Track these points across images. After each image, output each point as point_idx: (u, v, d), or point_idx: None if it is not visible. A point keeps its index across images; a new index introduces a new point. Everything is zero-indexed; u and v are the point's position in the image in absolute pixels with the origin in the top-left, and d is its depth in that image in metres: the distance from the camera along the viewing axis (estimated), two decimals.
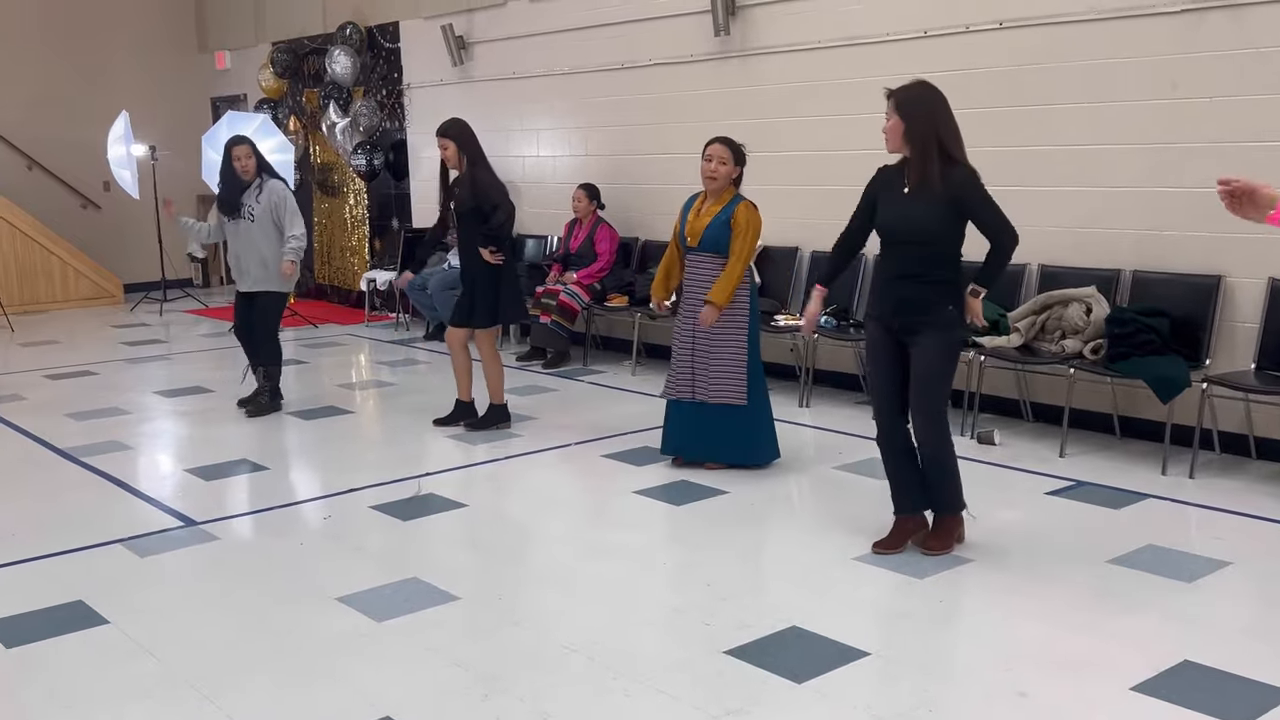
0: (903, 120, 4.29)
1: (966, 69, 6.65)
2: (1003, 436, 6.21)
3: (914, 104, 4.31)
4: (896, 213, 4.38)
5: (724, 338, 5.57)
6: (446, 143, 6.42)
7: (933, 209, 4.26)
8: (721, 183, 5.58)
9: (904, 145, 4.34)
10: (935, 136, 4.27)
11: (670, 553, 4.75)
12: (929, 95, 4.32)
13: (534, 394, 7.81)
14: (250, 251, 7.16)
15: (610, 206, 8.96)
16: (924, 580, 4.29)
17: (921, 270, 4.33)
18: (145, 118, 12.30)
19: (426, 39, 10.56)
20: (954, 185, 4.26)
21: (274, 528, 5.19)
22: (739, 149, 5.65)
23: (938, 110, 4.30)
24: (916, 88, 4.34)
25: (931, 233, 4.29)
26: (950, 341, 4.42)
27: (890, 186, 4.45)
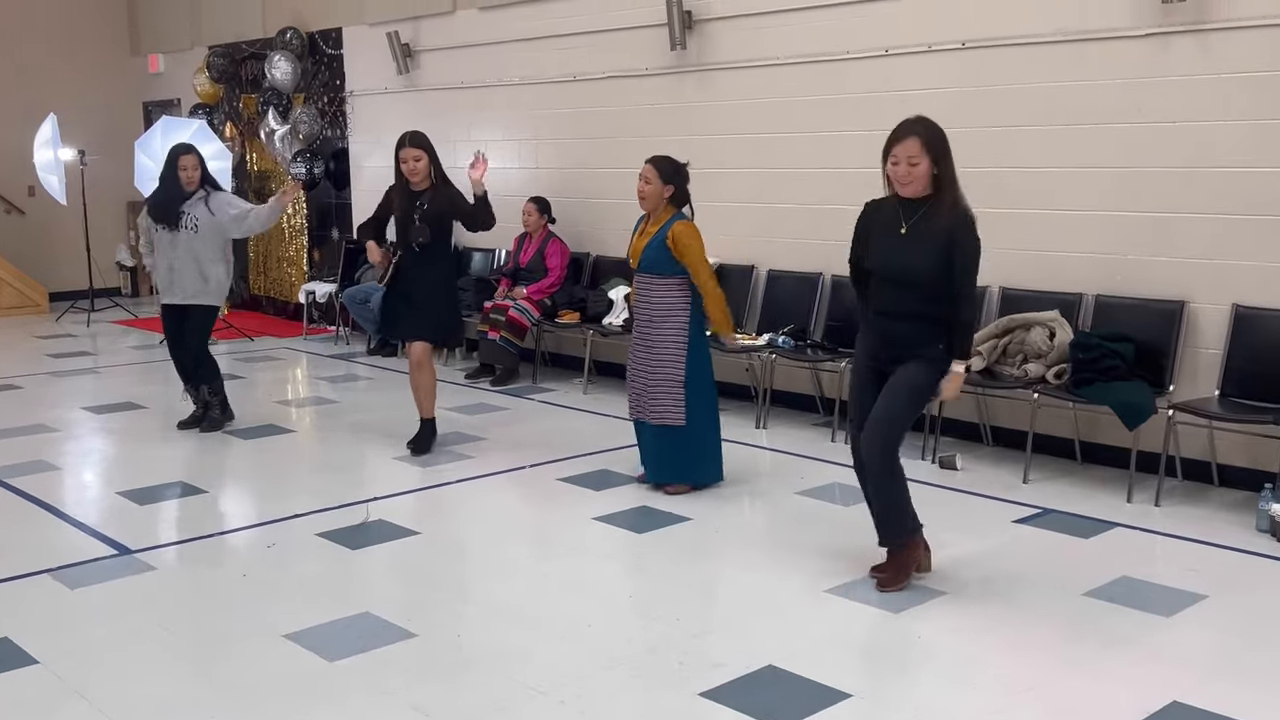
0: (935, 164, 4.13)
1: (929, 89, 6.57)
2: (964, 461, 6.12)
3: (942, 144, 4.17)
4: (893, 255, 4.23)
5: (661, 357, 5.48)
6: (420, 154, 6.23)
7: (932, 253, 4.13)
8: (651, 202, 5.47)
9: (928, 188, 4.18)
10: (955, 178, 4.18)
11: (636, 585, 4.57)
12: (946, 137, 4.20)
13: (483, 413, 7.58)
14: (188, 263, 6.83)
15: (561, 221, 8.77)
16: (900, 615, 4.15)
17: (916, 310, 4.20)
18: (74, 121, 11.88)
19: (371, 46, 10.30)
20: (953, 228, 4.14)
21: (214, 557, 4.92)
22: (671, 167, 5.48)
23: (950, 151, 4.19)
24: (938, 129, 4.19)
25: (929, 275, 4.15)
26: (931, 374, 4.27)
27: (884, 225, 4.28)
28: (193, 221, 6.80)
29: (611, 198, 8.52)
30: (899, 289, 4.22)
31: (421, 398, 6.47)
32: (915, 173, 4.15)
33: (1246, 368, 5.51)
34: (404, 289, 6.30)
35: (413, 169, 6.21)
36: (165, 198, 6.88)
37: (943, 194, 4.15)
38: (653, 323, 5.50)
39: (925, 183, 4.16)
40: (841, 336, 6.82)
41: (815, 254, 7.18)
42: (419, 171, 6.21)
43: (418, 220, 6.20)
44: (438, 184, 6.26)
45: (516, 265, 8.84)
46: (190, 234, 6.80)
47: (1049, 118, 6.17)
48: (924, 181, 4.16)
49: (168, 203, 6.85)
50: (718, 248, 5.99)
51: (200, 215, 6.82)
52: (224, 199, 6.97)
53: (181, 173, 6.82)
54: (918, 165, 4.13)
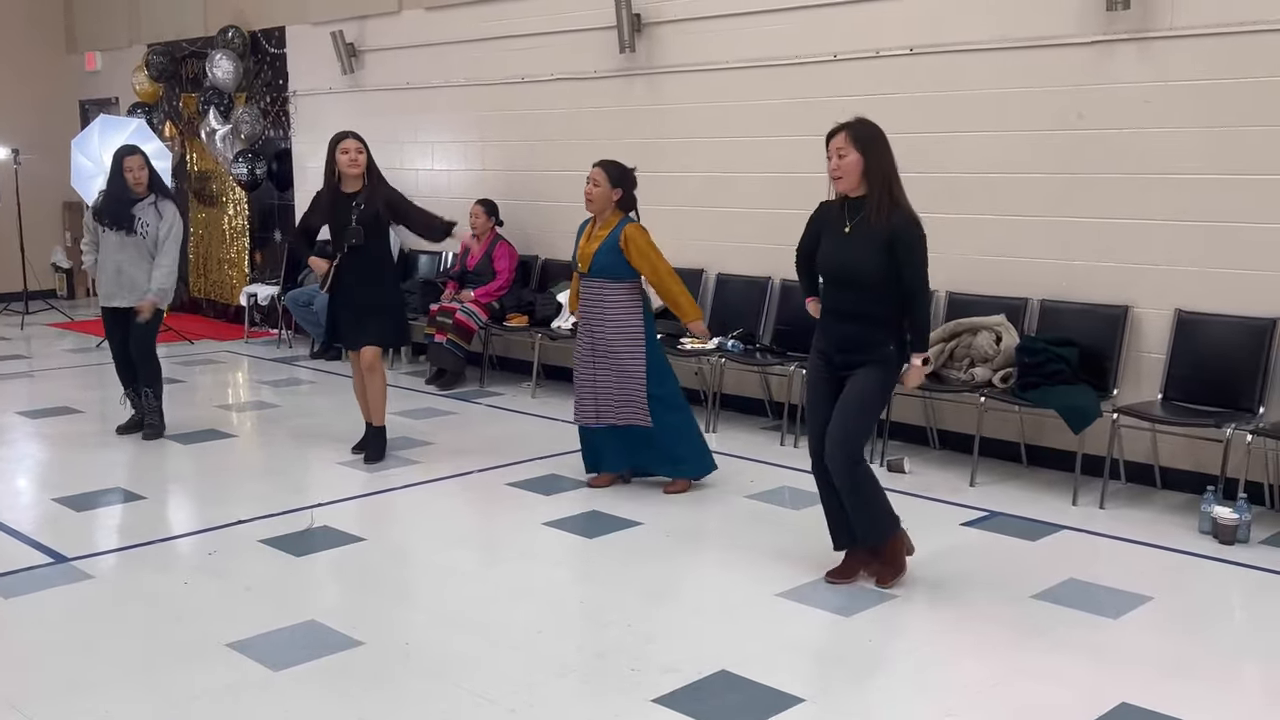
0: (864, 156, 4.16)
1: (876, 93, 6.60)
2: (912, 464, 6.14)
3: (874, 141, 4.20)
4: (837, 255, 4.28)
5: (622, 361, 5.49)
6: (362, 147, 6.09)
7: (874, 253, 4.15)
8: (598, 205, 5.46)
9: (860, 184, 4.21)
10: (891, 176, 4.20)
11: (586, 590, 4.52)
12: (882, 133, 4.23)
13: (430, 417, 7.50)
14: (138, 266, 6.65)
15: (509, 223, 8.71)
16: (851, 619, 4.15)
17: (863, 311, 4.22)
18: (7, 119, 11.63)
19: (314, 45, 10.16)
20: (894, 226, 4.15)
21: (154, 564, 4.80)
22: (619, 171, 5.49)
23: (889, 149, 4.22)
24: (871, 124, 4.24)
25: (872, 276, 4.17)
26: (886, 378, 4.30)
27: (831, 225, 4.33)
28: (144, 226, 6.65)
29: (560, 200, 8.47)
30: (845, 289, 4.26)
31: (374, 404, 6.32)
32: (844, 165, 4.18)
33: (1188, 372, 5.58)
34: (346, 295, 6.15)
35: (354, 160, 6.03)
36: (114, 201, 6.68)
37: (874, 189, 4.16)
38: (607, 327, 5.47)
39: (856, 177, 4.18)
40: (791, 340, 6.82)
41: (764, 258, 7.19)
42: (360, 164, 6.05)
43: (354, 221, 6.03)
44: (372, 183, 6.11)
45: (464, 268, 8.76)
46: (140, 239, 6.65)
47: (995, 123, 6.23)
48: (854, 175, 4.18)
49: (118, 206, 6.66)
50: (666, 252, 5.94)
51: (151, 220, 6.67)
52: (169, 215, 6.74)
53: (127, 174, 6.63)
54: (846, 157, 4.17)
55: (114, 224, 6.66)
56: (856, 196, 4.23)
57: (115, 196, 6.69)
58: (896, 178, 4.22)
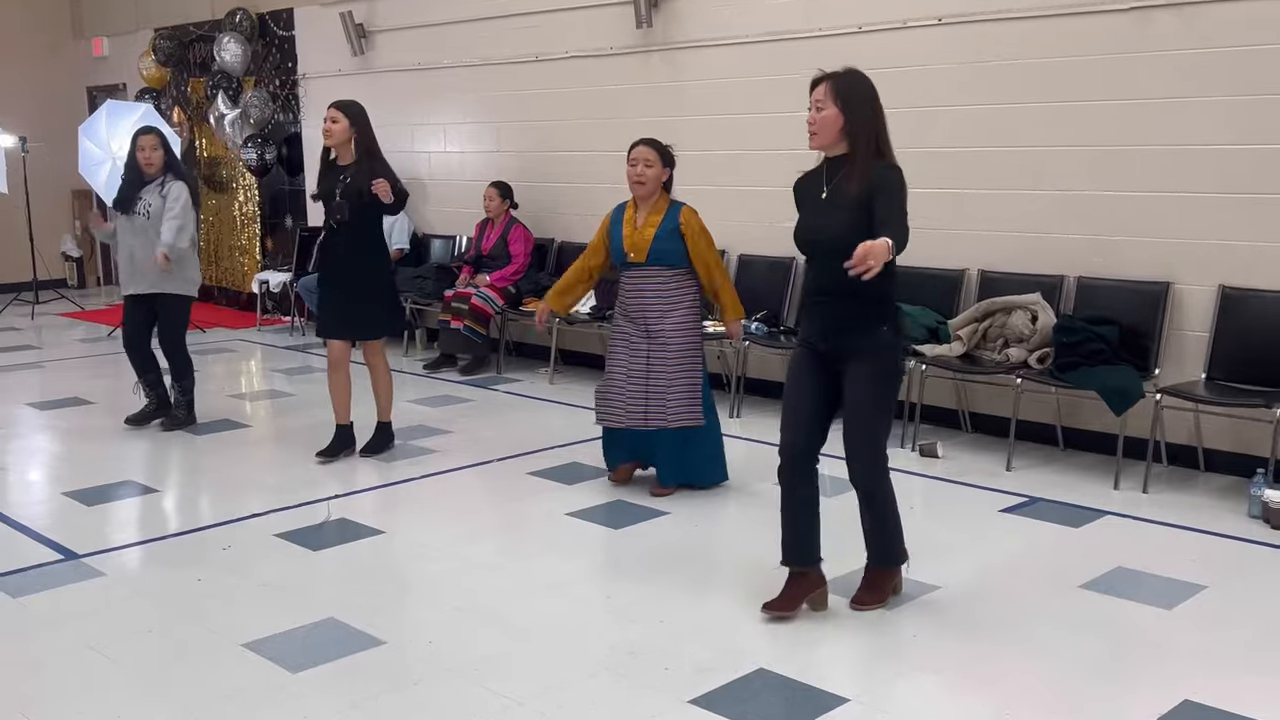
0: (843, 112, 3.68)
1: (902, 66, 6.39)
2: (944, 449, 5.96)
3: (857, 94, 3.71)
4: (813, 222, 3.80)
5: (680, 355, 5.13)
6: (338, 115, 5.67)
7: (852, 214, 3.62)
8: (651, 187, 5.13)
9: (838, 141, 3.73)
10: (877, 134, 3.72)
11: (614, 584, 4.35)
12: (870, 86, 3.75)
13: (448, 405, 7.33)
14: (147, 251, 6.42)
15: (524, 206, 8.53)
16: (894, 611, 3.97)
17: (846, 286, 3.56)
18: (15, 107, 11.48)
19: (323, 27, 9.98)
20: (871, 180, 3.64)
21: (167, 560, 4.65)
22: (666, 150, 5.22)
23: (878, 104, 3.75)
24: (857, 75, 3.75)
25: (851, 239, 3.49)
26: (886, 366, 3.84)
27: (810, 192, 3.87)
28: (145, 208, 6.44)
29: (575, 181, 8.30)
30: (826, 261, 3.69)
31: (341, 400, 5.98)
32: (820, 120, 3.72)
33: (1234, 350, 5.38)
34: (334, 277, 5.86)
35: (327, 130, 5.68)
36: (124, 182, 6.58)
37: (857, 149, 3.69)
38: (668, 320, 5.10)
39: (832, 134, 3.71)
40: None
41: (788, 238, 6.85)
42: (334, 135, 5.66)
43: (338, 195, 5.69)
44: (363, 158, 5.72)
45: (479, 252, 8.59)
46: (144, 220, 6.44)
47: (1026, 95, 6.02)
48: (830, 132, 3.71)
49: (125, 187, 6.55)
50: None
51: (153, 202, 6.45)
52: (175, 191, 6.46)
53: (139, 154, 6.46)
54: (823, 110, 3.70)
55: (118, 206, 6.53)
56: (836, 156, 3.77)
57: (126, 177, 6.59)
58: (885, 138, 3.74)
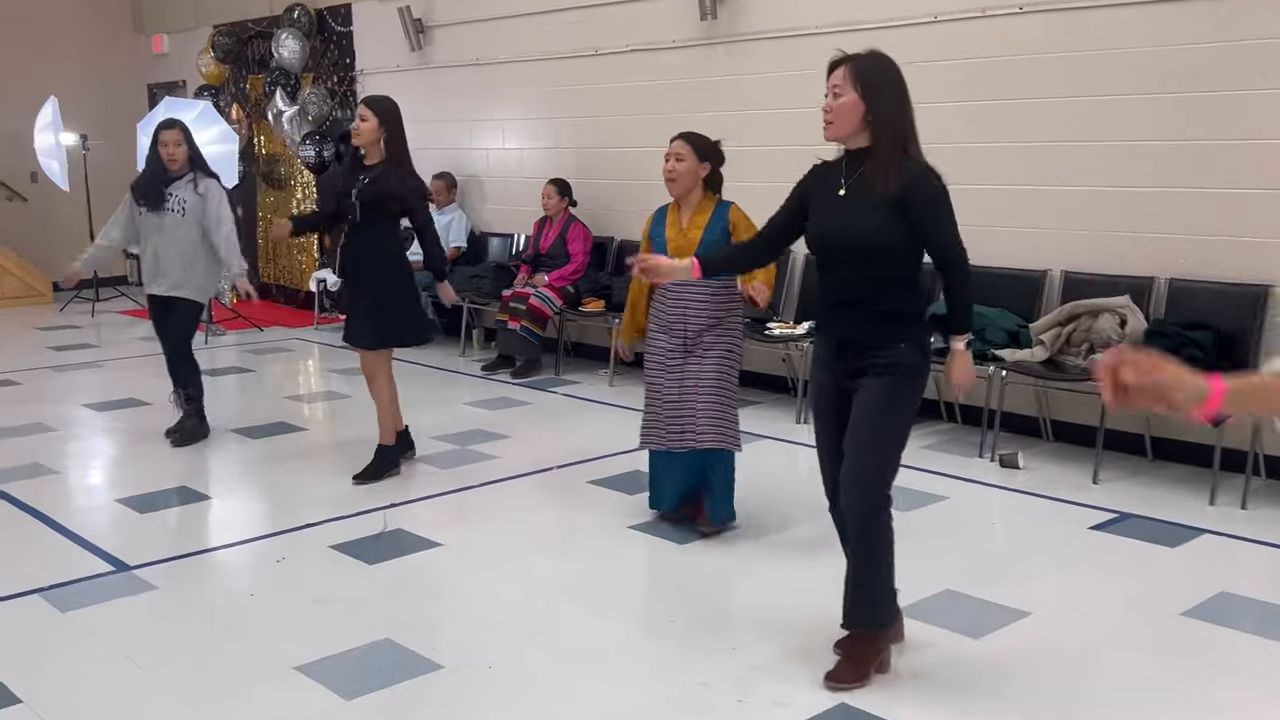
0: (864, 99, 3.26)
1: (983, 56, 6.12)
2: (1025, 459, 5.68)
3: (882, 79, 3.30)
4: (830, 220, 3.35)
5: (718, 369, 4.57)
6: (367, 113, 5.38)
7: (876, 212, 3.24)
8: (683, 184, 4.63)
9: (859, 131, 3.31)
10: (904, 125, 3.31)
11: (681, 606, 4.12)
12: (896, 71, 3.33)
13: (505, 408, 7.16)
14: (172, 249, 6.14)
15: (583, 203, 8.33)
16: (981, 641, 3.72)
17: (864, 296, 3.28)
18: (76, 104, 11.48)
19: (381, 22, 9.85)
20: (905, 180, 3.25)
21: (219, 573, 4.51)
22: (706, 145, 4.69)
23: (905, 91, 3.33)
24: (881, 58, 3.34)
25: (874, 244, 3.25)
26: (901, 388, 3.33)
27: (825, 187, 3.42)
28: (179, 204, 6.13)
29: (636, 178, 8.08)
30: (841, 267, 3.34)
31: (379, 416, 5.64)
32: (837, 108, 3.29)
33: None
34: (352, 283, 5.62)
35: (356, 128, 5.42)
36: (148, 176, 6.25)
37: (881, 141, 3.27)
38: (711, 330, 4.60)
39: (852, 124, 3.28)
40: None
41: None
42: (362, 133, 5.36)
43: (354, 195, 5.39)
44: (391, 162, 5.42)
45: (536, 251, 8.41)
46: (176, 217, 6.13)
47: (1110, 86, 5.70)
48: (849, 122, 3.28)
49: (150, 181, 6.21)
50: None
51: (188, 198, 6.14)
52: (214, 192, 6.19)
53: (162, 149, 6.13)
54: (841, 97, 3.27)
55: (144, 201, 6.20)
56: (857, 149, 3.35)
57: (149, 171, 6.25)
58: (913, 131, 3.32)
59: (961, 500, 5.18)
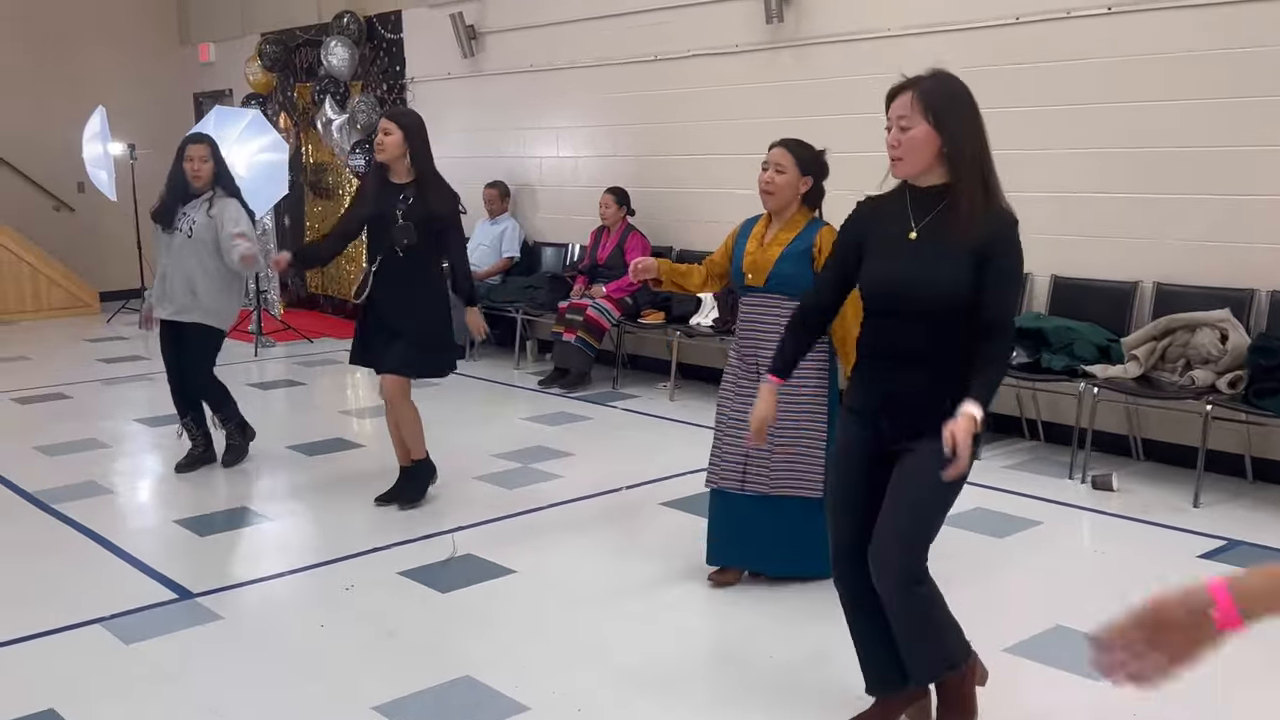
0: (939, 131, 2.82)
1: (1065, 59, 5.87)
2: (1120, 480, 5.41)
3: (955, 105, 2.85)
4: (896, 267, 2.90)
5: (800, 408, 4.11)
6: (391, 127, 5.05)
7: (954, 261, 2.82)
8: (781, 198, 4.14)
9: (932, 168, 2.87)
10: (986, 157, 2.87)
11: (777, 640, 3.89)
12: (969, 94, 2.89)
13: (564, 423, 6.96)
14: (178, 271, 5.72)
15: (641, 213, 8.13)
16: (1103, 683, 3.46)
17: (928, 351, 2.88)
18: (123, 114, 11.39)
19: (432, 29, 9.70)
20: (990, 230, 2.82)
21: (287, 601, 4.32)
22: (811, 156, 4.21)
23: (980, 117, 2.88)
24: (949, 81, 2.89)
25: (953, 299, 2.83)
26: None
27: (886, 228, 2.95)
28: (189, 224, 5.70)
29: (697, 187, 7.87)
30: (905, 321, 2.89)
31: (403, 439, 5.36)
32: (906, 142, 2.85)
33: None
34: (382, 307, 5.18)
35: (380, 143, 5.05)
36: (168, 192, 5.83)
37: (960, 180, 2.84)
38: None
39: (925, 159, 2.85)
40: None
41: None
42: (386, 148, 5.04)
43: (400, 217, 5.05)
44: (423, 178, 5.11)
45: (594, 262, 8.22)
46: (183, 238, 5.70)
47: (1201, 90, 5.44)
48: (921, 156, 2.85)
49: (167, 199, 5.81)
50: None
51: (199, 219, 5.70)
52: (230, 210, 5.73)
53: (187, 164, 5.71)
54: (910, 130, 2.84)
55: (157, 219, 5.85)
56: (927, 187, 2.91)
57: (171, 189, 5.82)
58: (990, 160, 2.87)
59: (1056, 525, 4.92)
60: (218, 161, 5.82)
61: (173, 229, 5.75)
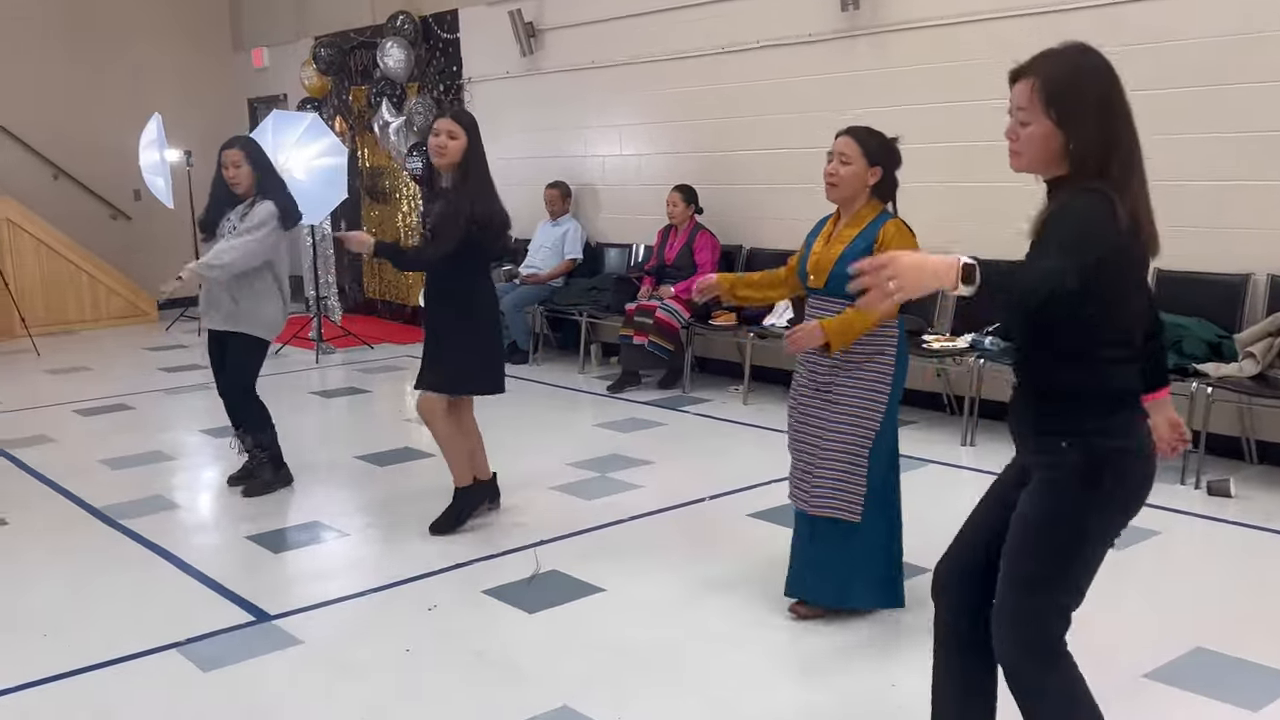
0: (1062, 127, 2.35)
1: (1166, 40, 5.56)
2: (1238, 486, 5.10)
3: (1084, 94, 2.35)
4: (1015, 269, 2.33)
5: (846, 419, 3.78)
6: (457, 130, 4.67)
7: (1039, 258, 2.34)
8: (846, 190, 3.81)
9: (1057, 163, 2.40)
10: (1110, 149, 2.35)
11: (888, 667, 3.64)
12: (1103, 74, 2.39)
13: (637, 429, 6.73)
14: (220, 282, 5.48)
15: (709, 211, 7.88)
16: (1261, 714, 3.19)
17: (1033, 369, 2.47)
18: (179, 121, 11.31)
19: (490, 27, 9.51)
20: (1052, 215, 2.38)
21: (369, 624, 4.12)
22: (879, 145, 3.85)
23: (1116, 102, 2.38)
24: (1085, 62, 2.39)
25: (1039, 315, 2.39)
26: (1061, 502, 2.38)
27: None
28: (228, 230, 5.49)
29: (767, 182, 7.62)
30: (1016, 331, 2.55)
31: (450, 459, 5.01)
32: (1025, 138, 2.40)
33: None
34: (428, 320, 4.94)
35: (444, 146, 4.65)
36: (211, 201, 5.64)
37: (1073, 171, 2.36)
38: (844, 372, 3.79)
39: (1046, 156, 2.39)
40: None
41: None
42: (450, 153, 4.66)
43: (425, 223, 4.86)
44: (465, 180, 4.70)
45: (661, 262, 7.99)
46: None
47: None
48: (1042, 154, 2.39)
49: (211, 207, 5.62)
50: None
51: (237, 225, 5.47)
52: (258, 213, 5.44)
53: (224, 171, 5.47)
54: (1029, 126, 2.39)
55: (201, 228, 5.68)
56: (1051, 180, 2.44)
57: (214, 197, 5.62)
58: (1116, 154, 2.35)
59: (1176, 535, 4.62)
60: (256, 165, 5.55)
61: (215, 237, 5.56)
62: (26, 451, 6.66)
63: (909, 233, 3.80)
